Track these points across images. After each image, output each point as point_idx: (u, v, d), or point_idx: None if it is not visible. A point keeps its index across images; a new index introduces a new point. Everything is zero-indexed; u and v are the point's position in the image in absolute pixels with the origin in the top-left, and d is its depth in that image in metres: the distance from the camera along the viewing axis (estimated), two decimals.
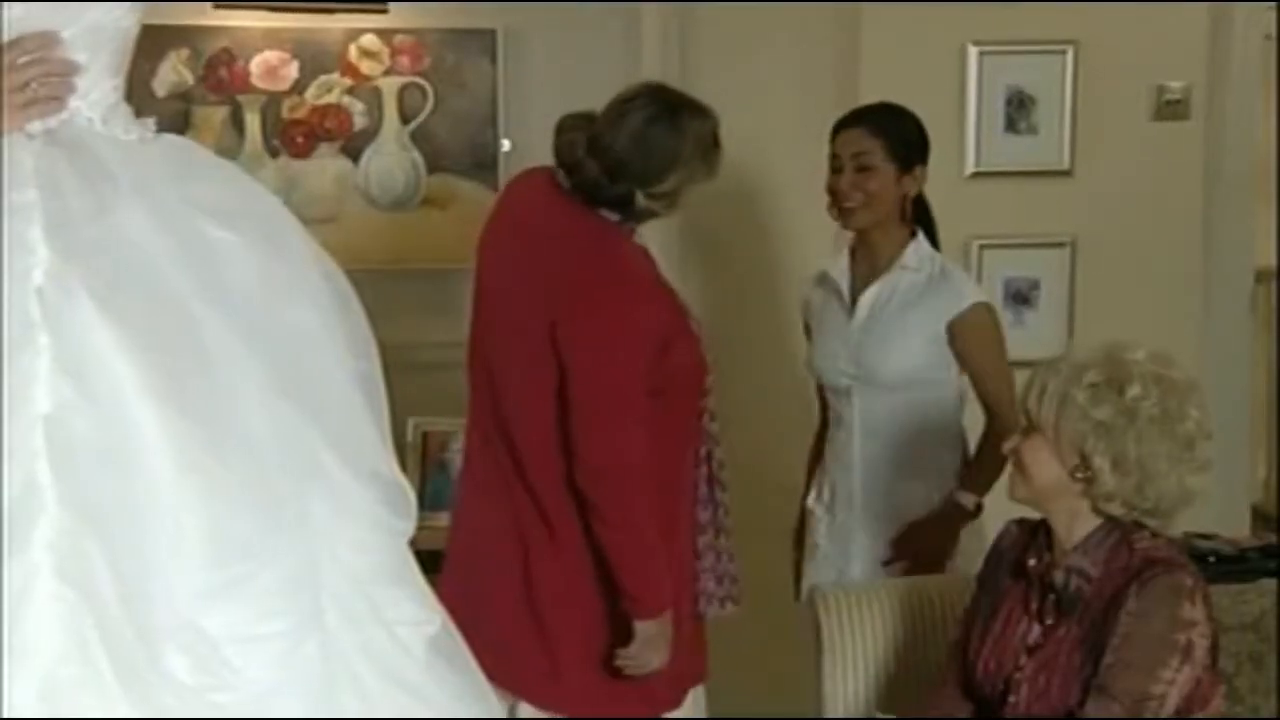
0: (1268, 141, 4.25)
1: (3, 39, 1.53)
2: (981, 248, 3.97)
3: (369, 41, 3.96)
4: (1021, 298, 4.01)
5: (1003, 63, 3.95)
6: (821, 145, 3.15)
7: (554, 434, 2.65)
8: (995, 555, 2.54)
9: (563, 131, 2.74)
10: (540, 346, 2.64)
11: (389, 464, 1.64)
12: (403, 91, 3.98)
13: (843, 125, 3.11)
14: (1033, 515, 2.49)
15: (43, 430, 1.41)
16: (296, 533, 1.51)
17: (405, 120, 3.99)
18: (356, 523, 1.58)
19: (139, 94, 3.82)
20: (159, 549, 1.43)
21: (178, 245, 1.52)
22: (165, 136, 1.64)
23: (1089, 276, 4.00)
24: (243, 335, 1.52)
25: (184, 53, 3.89)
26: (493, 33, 3.97)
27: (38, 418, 1.41)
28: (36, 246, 1.46)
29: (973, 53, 3.94)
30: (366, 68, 3.97)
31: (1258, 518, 4.40)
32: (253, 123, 3.94)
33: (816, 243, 3.19)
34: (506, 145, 3.97)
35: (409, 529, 1.64)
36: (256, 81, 3.93)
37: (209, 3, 3.87)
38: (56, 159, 1.52)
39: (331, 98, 3.96)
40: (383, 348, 1.73)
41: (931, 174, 3.18)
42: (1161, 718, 2.25)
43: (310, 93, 3.95)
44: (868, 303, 3.09)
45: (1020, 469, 2.39)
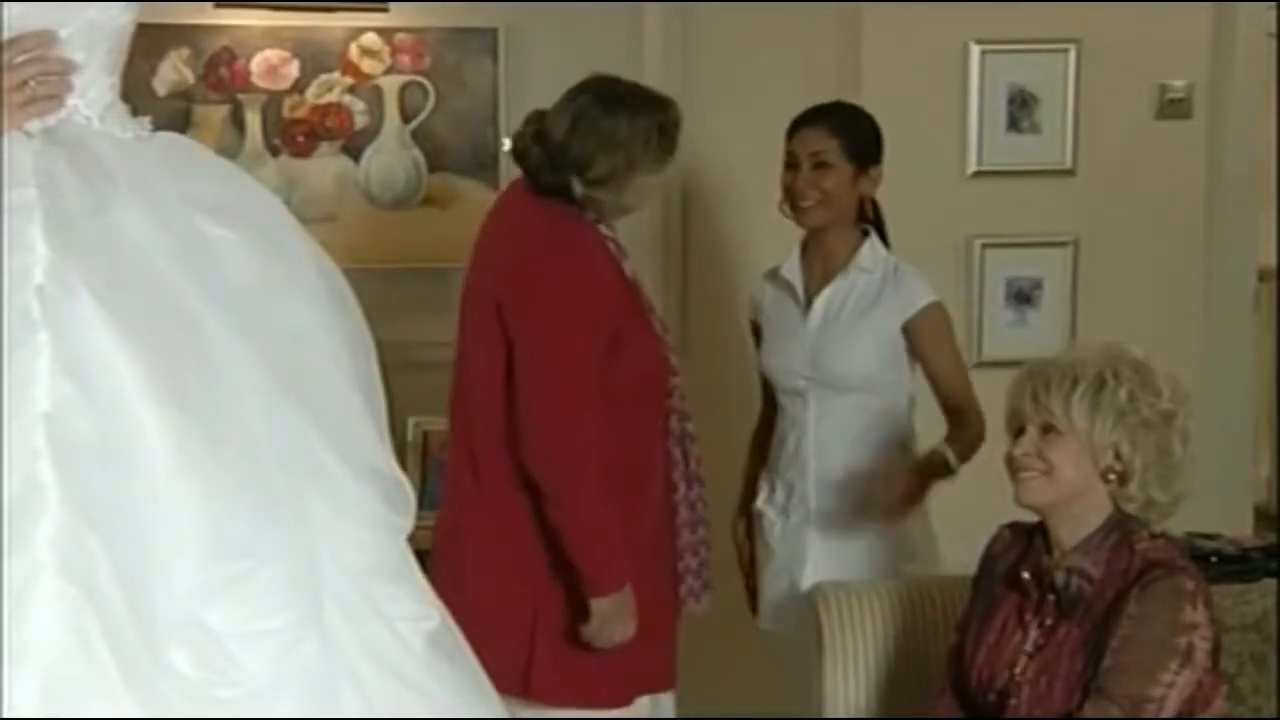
0: (1269, 141, 4.24)
1: (2, 38, 1.53)
2: (983, 247, 3.97)
3: (370, 40, 3.96)
4: (1023, 297, 4.01)
5: (1005, 61, 3.95)
6: None
7: (504, 420, 2.70)
8: (988, 561, 2.53)
9: (523, 125, 2.83)
10: (491, 333, 2.72)
11: (387, 460, 1.64)
12: (404, 90, 3.98)
13: (800, 124, 3.11)
14: (1024, 517, 2.49)
15: (44, 428, 1.41)
16: (296, 530, 1.51)
17: (406, 119, 3.99)
18: (355, 520, 1.58)
19: (140, 93, 3.84)
20: (160, 546, 1.43)
21: (176, 243, 1.52)
22: (162, 134, 1.64)
23: (1091, 276, 3.99)
24: (241, 333, 1.52)
25: (184, 51, 3.89)
26: (494, 32, 3.97)
27: (38, 416, 1.41)
28: (36, 244, 1.46)
29: (975, 51, 3.94)
30: (367, 66, 3.96)
31: (1260, 517, 4.39)
32: (253, 121, 3.94)
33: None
34: (507, 144, 3.95)
35: (408, 525, 1.64)
36: (257, 80, 3.93)
37: (209, 2, 3.87)
38: (55, 157, 1.52)
39: (332, 96, 3.96)
40: (383, 347, 1.74)
41: (933, 173, 3.18)
42: None
43: (311, 92, 3.95)
44: (823, 304, 3.09)
45: (1044, 471, 2.38)
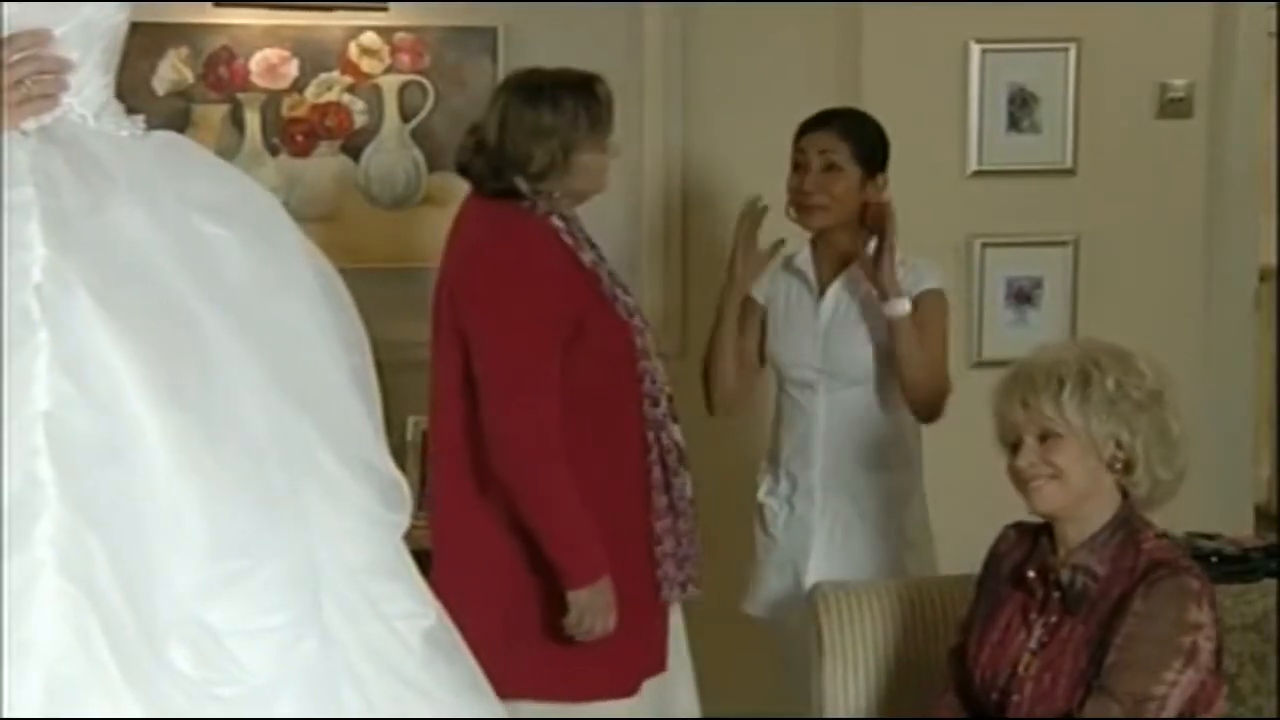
0: (1270, 140, 4.24)
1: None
2: (984, 246, 3.97)
3: (369, 39, 3.95)
4: (1024, 296, 4.00)
5: (1005, 61, 3.94)
6: None
7: (466, 421, 2.73)
8: (993, 560, 2.53)
9: (464, 138, 2.87)
10: (448, 332, 2.75)
11: (383, 458, 1.64)
12: (403, 90, 3.98)
13: (810, 126, 3.11)
14: (1028, 517, 2.49)
15: (43, 427, 1.41)
16: (295, 528, 1.51)
17: (406, 118, 3.98)
18: (352, 517, 1.59)
19: (139, 92, 3.83)
20: (160, 544, 1.43)
21: (174, 242, 1.52)
22: (158, 133, 1.65)
23: (1092, 275, 3.99)
24: (238, 331, 1.52)
25: (184, 51, 3.88)
26: (493, 31, 3.96)
27: (38, 415, 1.41)
28: (34, 243, 1.46)
29: (975, 50, 3.93)
30: (367, 66, 3.96)
31: (1261, 517, 4.39)
32: (253, 121, 3.93)
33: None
34: None
35: (404, 523, 1.65)
36: (256, 79, 3.92)
37: (209, 1, 3.86)
38: (52, 156, 1.52)
39: (332, 96, 3.95)
40: (383, 346, 1.74)
41: (933, 172, 3.18)
42: (1162, 719, 2.24)
43: (310, 91, 3.94)
44: (835, 296, 3.10)
45: (1053, 476, 2.37)
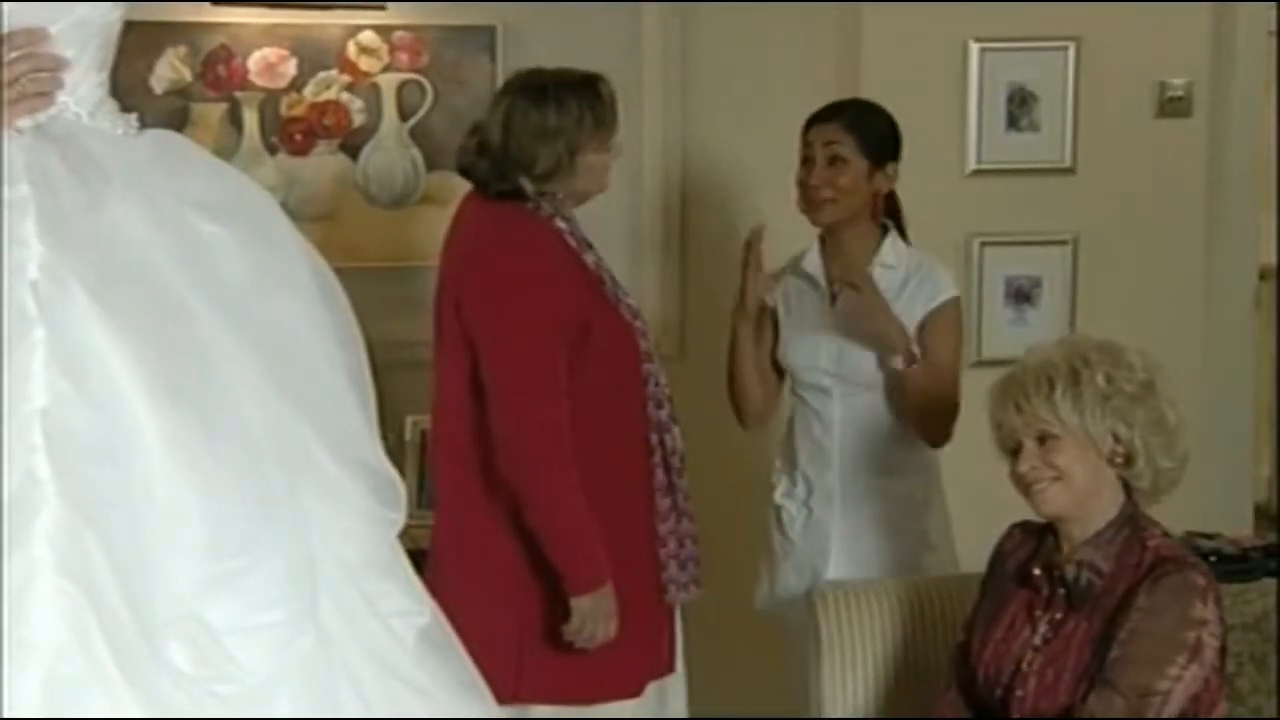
0: (1270, 139, 4.24)
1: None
2: (983, 245, 3.96)
3: (368, 38, 3.95)
4: (1023, 295, 4.00)
5: (1004, 59, 3.94)
6: None
7: (473, 425, 2.72)
8: (998, 559, 2.53)
9: (465, 138, 2.87)
10: (453, 338, 2.74)
11: (378, 456, 1.64)
12: (402, 88, 3.97)
13: (816, 119, 3.10)
14: (1032, 516, 2.48)
15: (40, 425, 1.41)
16: (292, 525, 1.51)
17: (404, 117, 3.97)
18: (348, 515, 1.59)
19: (137, 91, 3.83)
20: (158, 542, 1.43)
21: (170, 240, 1.53)
22: (153, 131, 1.65)
23: (1091, 274, 3.99)
24: (235, 329, 1.53)
25: (182, 49, 3.88)
26: (492, 29, 3.95)
27: (35, 412, 1.41)
28: (30, 241, 1.46)
29: (974, 49, 3.93)
30: (365, 64, 3.95)
31: (1260, 516, 4.39)
32: (251, 120, 3.93)
33: (814, 235, 3.18)
34: None
35: (399, 521, 1.64)
36: (255, 78, 3.92)
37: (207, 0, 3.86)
38: (47, 154, 1.52)
39: (330, 95, 3.95)
40: (382, 345, 1.74)
41: (933, 171, 3.17)
42: (1165, 716, 2.24)
43: (309, 90, 3.94)
44: (845, 300, 3.07)
45: (1056, 478, 2.38)
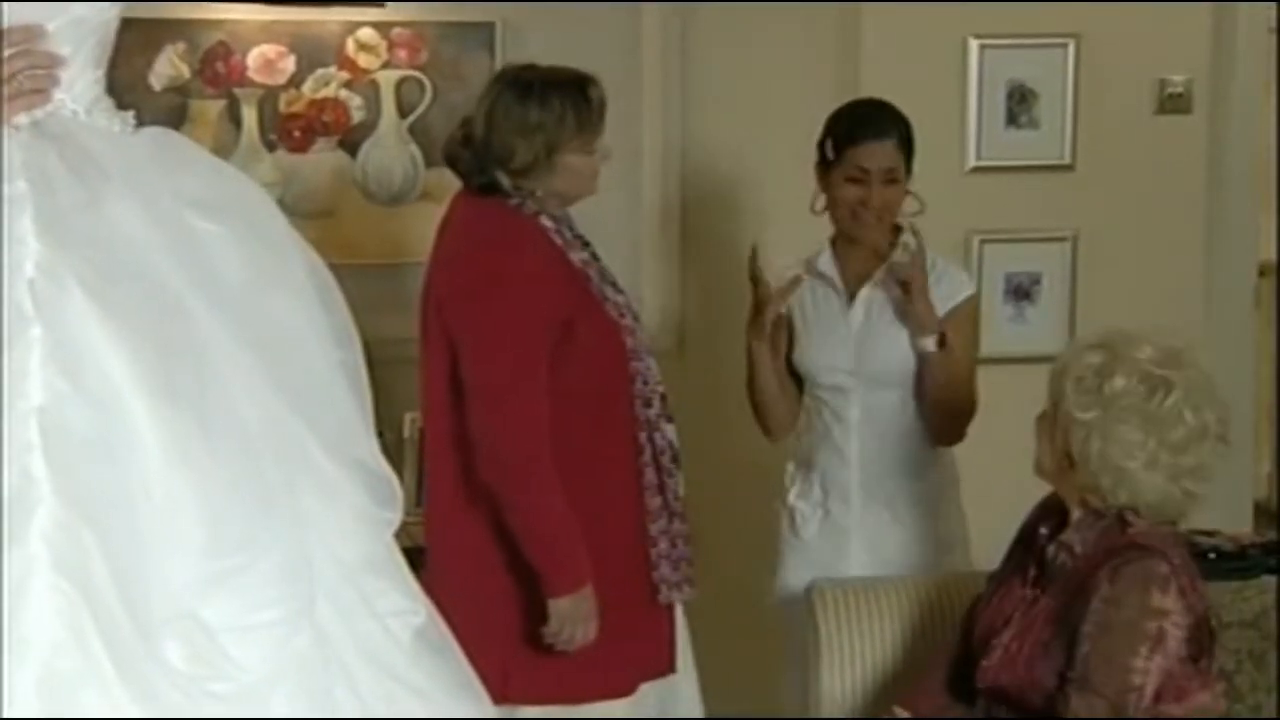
0: (1270, 136, 4.23)
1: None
2: (982, 242, 3.96)
3: (366, 35, 3.94)
4: (1022, 293, 4.00)
5: (1004, 56, 3.94)
6: None
7: (453, 424, 2.71)
8: (1029, 524, 2.54)
9: (455, 130, 2.86)
10: (436, 334, 2.74)
11: (374, 455, 1.64)
12: (401, 85, 3.97)
13: (870, 136, 2.99)
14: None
15: (37, 423, 1.40)
16: (288, 523, 1.51)
17: (403, 114, 3.97)
18: (344, 513, 1.58)
19: (135, 88, 3.82)
20: (154, 540, 1.43)
21: (167, 237, 1.52)
22: (149, 129, 1.65)
23: (1091, 271, 3.99)
24: (232, 327, 1.52)
25: (180, 46, 3.87)
26: (491, 26, 3.95)
27: (31, 410, 1.40)
28: (27, 238, 1.45)
29: (974, 46, 3.93)
30: (364, 61, 3.95)
31: (1260, 513, 4.39)
32: (250, 117, 3.92)
33: (815, 237, 3.17)
34: None
35: (395, 520, 1.64)
36: (253, 75, 3.91)
37: None
38: (45, 151, 1.52)
39: (329, 91, 3.94)
40: (381, 342, 1.74)
41: (932, 168, 3.17)
42: (1142, 709, 2.24)
43: (307, 86, 3.93)
44: (865, 300, 3.07)
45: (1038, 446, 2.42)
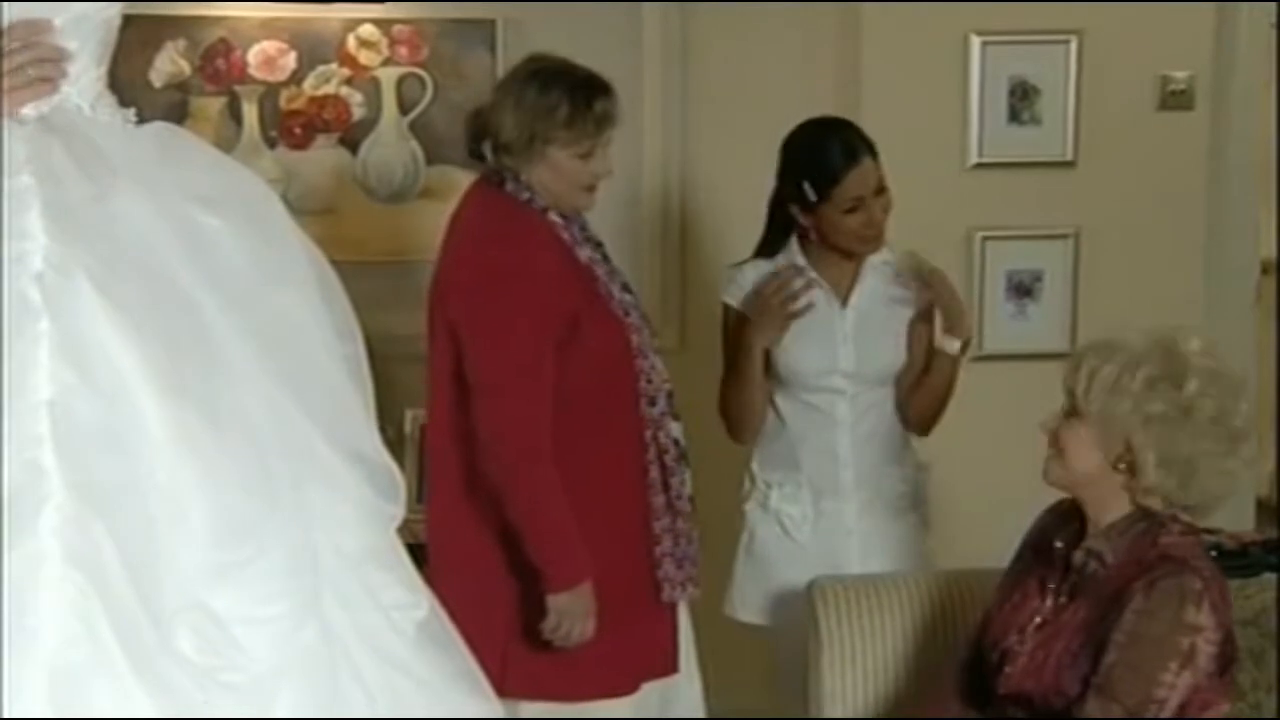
0: (1271, 132, 4.23)
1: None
2: (984, 239, 3.96)
3: (367, 32, 3.94)
4: (1024, 289, 3.99)
5: (1006, 53, 3.93)
6: None
7: (456, 419, 2.71)
8: (1035, 533, 2.53)
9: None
10: (441, 328, 2.74)
11: (377, 448, 1.65)
12: (401, 82, 3.97)
13: (851, 163, 2.96)
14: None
15: (46, 415, 1.41)
16: (294, 515, 1.52)
17: (404, 111, 3.97)
18: (348, 506, 1.59)
19: (136, 85, 3.82)
20: (163, 531, 1.43)
21: (172, 231, 1.53)
22: (152, 123, 1.66)
23: (1092, 268, 3.98)
24: (236, 320, 1.53)
25: (181, 43, 3.87)
26: (492, 23, 3.95)
27: (40, 403, 1.41)
28: (35, 232, 1.46)
29: (975, 43, 3.92)
30: (365, 58, 3.95)
31: (1262, 510, 4.38)
32: (250, 113, 3.92)
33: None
34: None
35: (398, 513, 1.64)
36: (254, 72, 3.91)
37: None
38: (50, 146, 1.53)
39: (330, 88, 3.94)
40: (382, 339, 1.74)
41: (934, 165, 3.17)
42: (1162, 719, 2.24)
43: (308, 83, 3.93)
44: (857, 304, 3.07)
45: (1059, 452, 2.38)
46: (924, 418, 3.11)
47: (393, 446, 1.71)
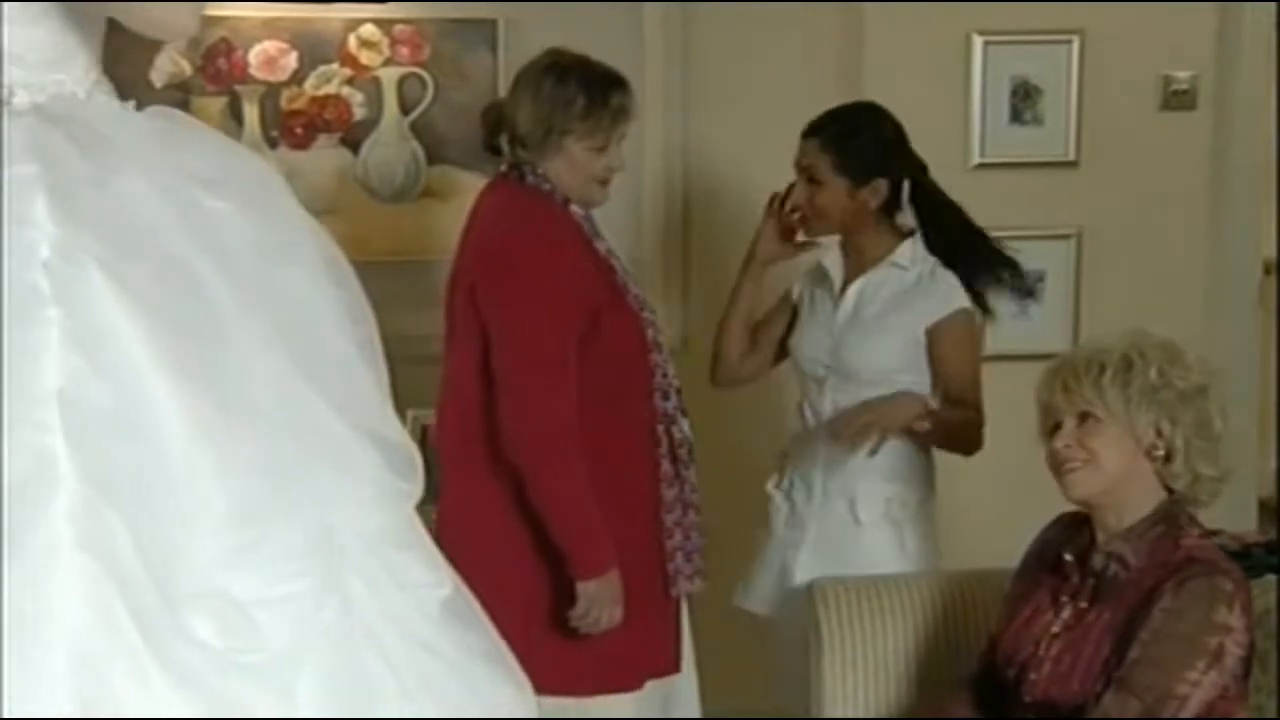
0: (1273, 132, 4.22)
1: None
2: None
3: (368, 32, 3.94)
4: (1026, 290, 3.98)
5: (1008, 53, 3.93)
6: None
7: (484, 408, 2.71)
8: (1038, 546, 2.54)
9: None
10: (465, 320, 2.74)
11: (393, 426, 1.63)
12: (403, 82, 3.96)
13: (804, 134, 3.06)
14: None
15: (57, 403, 1.39)
16: (309, 496, 1.50)
17: (405, 111, 3.97)
18: (364, 485, 1.57)
19: (136, 84, 3.80)
20: (178, 516, 1.42)
21: (178, 212, 1.51)
22: (151, 107, 1.65)
23: (1095, 268, 3.98)
24: (245, 301, 1.52)
25: (181, 42, 3.86)
26: (493, 23, 3.95)
27: (51, 391, 1.39)
28: (40, 220, 1.44)
29: (978, 43, 3.92)
30: (366, 58, 3.94)
31: (1265, 511, 4.37)
32: (251, 113, 3.92)
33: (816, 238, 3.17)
34: None
35: (416, 492, 1.63)
36: (255, 72, 3.91)
37: None
38: (50, 133, 1.51)
39: (331, 88, 3.94)
40: (383, 340, 1.72)
41: (936, 165, 3.16)
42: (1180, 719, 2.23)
43: (309, 83, 3.93)
44: (853, 296, 3.07)
45: (1085, 462, 2.37)
46: (951, 449, 3.07)
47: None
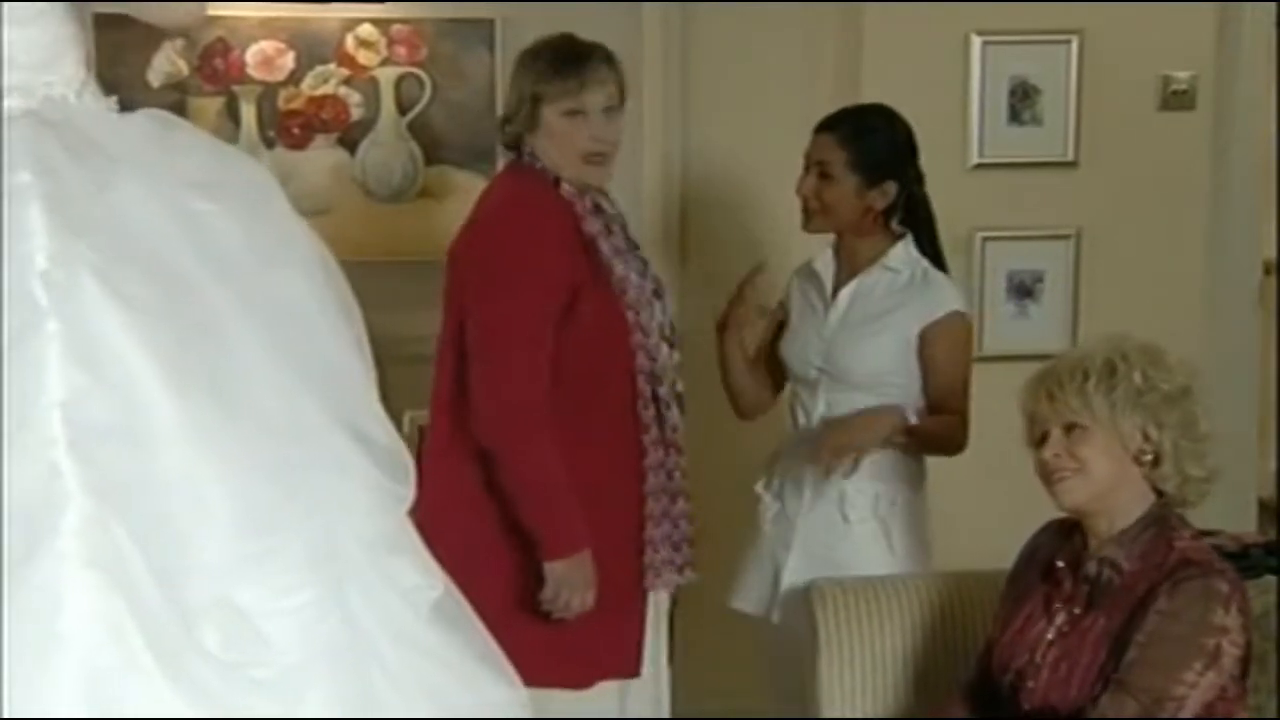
0: (1273, 132, 4.22)
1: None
2: (985, 240, 3.96)
3: (366, 31, 3.93)
4: (1025, 290, 3.99)
5: (1006, 53, 3.93)
6: None
7: (454, 385, 2.71)
8: (1029, 552, 2.53)
9: None
10: (453, 304, 2.75)
11: (386, 430, 1.63)
12: (400, 82, 3.96)
13: (818, 128, 3.06)
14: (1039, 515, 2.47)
15: (60, 417, 1.39)
16: (310, 503, 1.50)
17: (403, 111, 3.96)
18: (360, 490, 1.57)
19: (134, 84, 3.81)
20: (184, 528, 1.42)
21: (172, 218, 1.51)
22: (142, 110, 1.64)
23: (1093, 269, 3.98)
24: (241, 305, 1.51)
25: (179, 43, 3.86)
26: (491, 23, 3.94)
27: (53, 405, 1.39)
28: (36, 230, 1.44)
29: (976, 43, 3.92)
30: (363, 58, 3.94)
31: (1264, 511, 4.37)
32: (248, 113, 3.91)
33: (815, 238, 3.17)
34: None
35: (407, 495, 1.63)
36: (252, 72, 3.90)
37: None
38: (45, 139, 1.50)
39: (328, 88, 3.93)
40: (379, 340, 1.72)
41: (935, 165, 3.15)
42: None
43: (307, 83, 3.92)
44: (845, 298, 3.06)
45: (1075, 471, 2.36)
46: (936, 452, 3.06)
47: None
